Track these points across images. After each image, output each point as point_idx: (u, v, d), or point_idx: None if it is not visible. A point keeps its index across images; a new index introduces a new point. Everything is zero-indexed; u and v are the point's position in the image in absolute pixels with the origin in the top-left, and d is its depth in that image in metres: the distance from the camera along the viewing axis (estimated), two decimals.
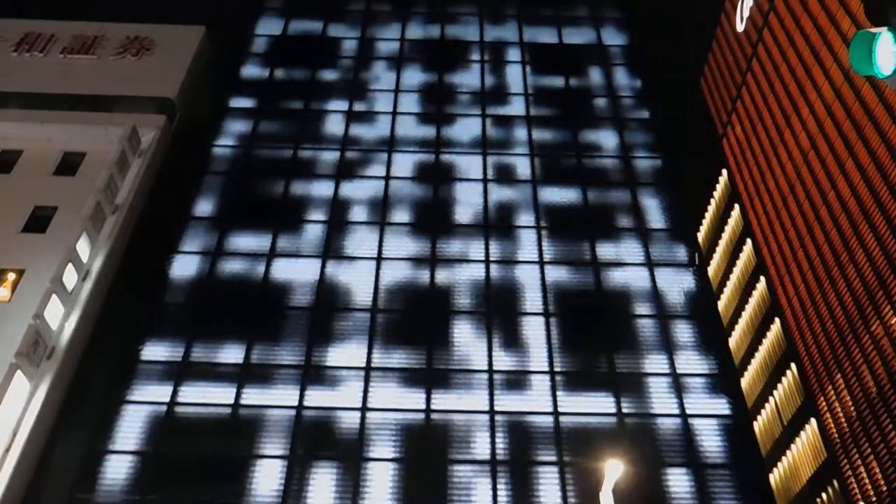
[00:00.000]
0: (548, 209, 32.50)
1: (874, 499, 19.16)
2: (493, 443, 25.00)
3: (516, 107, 37.24)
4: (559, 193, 33.18)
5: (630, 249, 30.95)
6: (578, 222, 32.03)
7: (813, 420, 22.64)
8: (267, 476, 24.27)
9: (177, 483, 24.02)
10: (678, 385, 26.56)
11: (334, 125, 36.20)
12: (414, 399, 26.12)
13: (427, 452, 24.84)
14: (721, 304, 29.76)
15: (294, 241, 31.07)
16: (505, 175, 33.92)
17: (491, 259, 30.43)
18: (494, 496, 23.82)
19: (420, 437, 25.20)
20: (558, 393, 26.28)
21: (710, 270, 30.95)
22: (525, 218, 32.17)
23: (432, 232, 31.37)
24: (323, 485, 24.09)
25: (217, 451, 24.74)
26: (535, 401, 26.14)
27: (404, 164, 34.33)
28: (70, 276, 27.78)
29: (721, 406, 26.23)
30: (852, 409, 20.45)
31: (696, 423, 25.63)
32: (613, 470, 21.49)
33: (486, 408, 25.83)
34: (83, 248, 28.80)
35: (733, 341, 28.49)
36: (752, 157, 28.73)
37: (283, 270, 29.95)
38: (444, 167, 34.27)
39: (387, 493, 23.93)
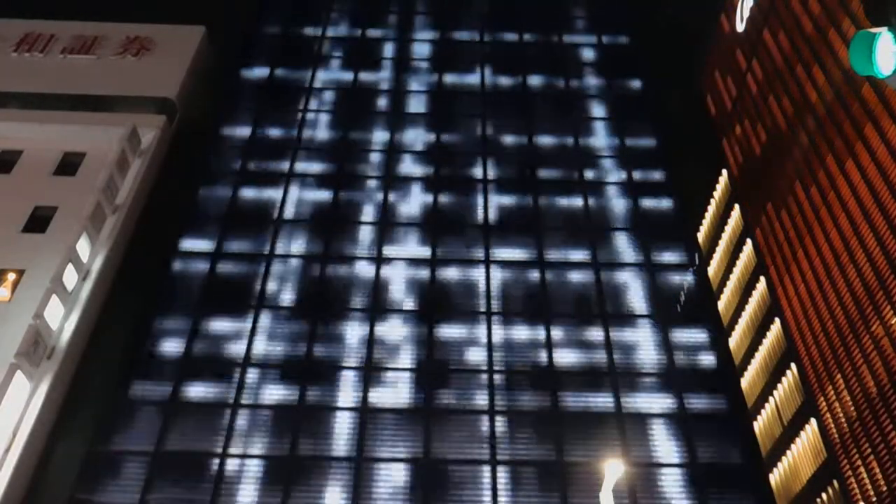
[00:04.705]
0: (547, 210, 32.45)
1: (874, 499, 19.17)
2: (492, 444, 25.06)
3: (515, 107, 37.19)
4: (558, 194, 33.13)
5: (630, 250, 30.91)
6: (578, 223, 32.00)
7: (813, 420, 22.65)
8: (266, 475, 24.29)
9: (177, 483, 24.02)
10: (678, 385, 26.54)
11: (334, 127, 36.17)
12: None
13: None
14: (721, 304, 29.79)
15: (293, 241, 31.06)
16: (504, 177, 33.87)
17: (491, 259, 30.42)
18: (494, 496, 23.89)
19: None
20: (557, 390, 26.29)
21: (710, 270, 30.99)
22: (525, 219, 32.14)
23: (433, 235, 31.36)
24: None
25: (217, 450, 24.73)
26: (532, 399, 26.18)
27: (405, 166, 34.33)
28: (70, 276, 27.78)
29: (721, 406, 26.21)
30: (852, 409, 20.46)
31: (696, 424, 25.61)
32: (613, 470, 21.51)
33: (486, 407, 25.95)
34: (83, 248, 28.80)
35: (733, 341, 28.50)
36: (752, 157, 28.76)
37: (283, 271, 29.95)
38: (445, 169, 34.23)
39: None
